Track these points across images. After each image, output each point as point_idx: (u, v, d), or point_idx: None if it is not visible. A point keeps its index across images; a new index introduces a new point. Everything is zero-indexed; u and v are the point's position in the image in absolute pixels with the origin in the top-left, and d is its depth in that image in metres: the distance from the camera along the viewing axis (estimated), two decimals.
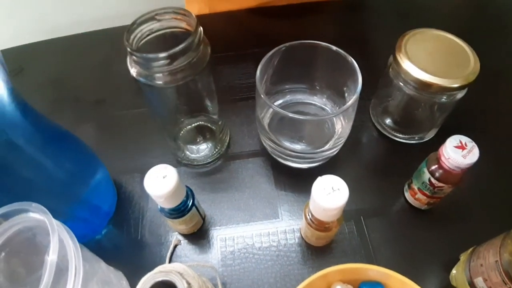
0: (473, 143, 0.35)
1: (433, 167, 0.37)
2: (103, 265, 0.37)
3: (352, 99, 0.37)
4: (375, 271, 0.34)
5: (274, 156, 0.45)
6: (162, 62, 0.34)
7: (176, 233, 0.42)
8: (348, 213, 0.42)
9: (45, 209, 0.30)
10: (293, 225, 0.42)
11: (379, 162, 0.46)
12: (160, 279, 0.29)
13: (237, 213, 0.43)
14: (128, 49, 0.34)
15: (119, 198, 0.45)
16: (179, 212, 0.37)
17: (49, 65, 0.61)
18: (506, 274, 0.30)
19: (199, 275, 0.33)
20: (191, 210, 0.38)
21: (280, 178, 0.45)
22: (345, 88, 0.42)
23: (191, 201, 0.38)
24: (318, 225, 0.36)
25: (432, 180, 0.37)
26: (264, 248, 0.40)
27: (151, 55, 0.33)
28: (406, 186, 0.42)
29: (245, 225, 0.42)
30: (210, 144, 0.46)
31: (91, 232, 0.42)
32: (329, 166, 0.45)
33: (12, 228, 0.32)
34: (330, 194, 0.32)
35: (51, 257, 0.27)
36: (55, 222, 0.29)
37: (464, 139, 0.35)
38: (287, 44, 0.40)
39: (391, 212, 0.42)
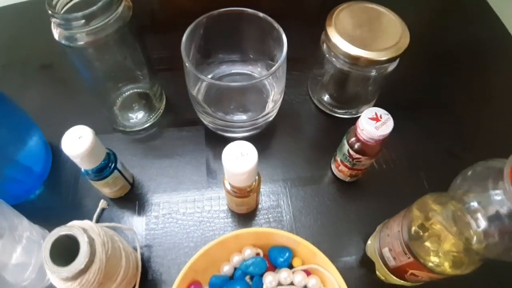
0: (389, 116, 0.35)
1: (352, 139, 0.38)
2: (25, 222, 0.37)
3: (278, 62, 0.37)
4: (285, 237, 0.35)
5: (210, 128, 0.46)
6: (80, 22, 0.34)
7: (105, 197, 0.43)
8: (274, 181, 0.43)
9: None
10: (219, 193, 0.42)
11: (314, 136, 0.47)
12: (63, 233, 0.30)
13: (166, 179, 0.44)
14: (50, 12, 0.34)
15: (55, 162, 0.45)
16: (99, 174, 0.37)
17: None
18: (406, 244, 0.31)
19: (111, 235, 0.34)
20: (112, 173, 0.38)
21: (212, 147, 0.46)
22: (276, 55, 0.42)
23: (113, 164, 0.38)
24: (236, 191, 0.37)
25: (351, 152, 0.38)
26: (188, 214, 0.41)
27: (69, 15, 0.33)
28: (333, 159, 0.43)
29: (172, 192, 0.43)
30: (146, 112, 0.47)
31: (24, 193, 0.43)
32: (264, 138, 0.46)
33: None
34: (239, 159, 0.33)
35: None
36: None
37: (380, 111, 0.36)
38: (209, 13, 0.39)
39: (317, 183, 0.43)
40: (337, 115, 0.48)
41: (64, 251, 0.30)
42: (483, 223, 0.25)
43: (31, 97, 0.51)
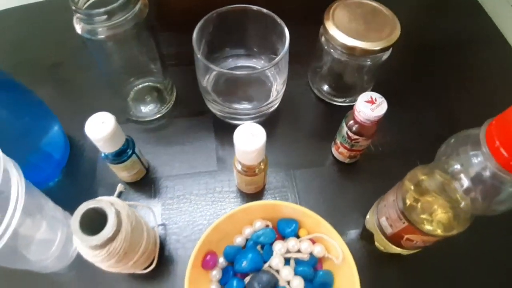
0: (383, 99, 0.39)
1: (350, 122, 0.41)
2: (50, 203, 0.40)
3: (281, 54, 0.41)
4: (291, 209, 0.38)
5: (218, 116, 0.49)
6: (102, 17, 0.37)
7: (122, 182, 0.46)
8: (279, 165, 0.46)
9: None
10: (229, 176, 0.46)
11: (314, 123, 0.51)
12: (92, 206, 0.33)
13: (178, 164, 0.47)
14: (73, 8, 0.37)
15: (72, 151, 0.48)
16: (119, 158, 0.41)
17: (5, 33, 0.63)
18: (400, 211, 0.35)
19: (133, 211, 0.37)
20: (131, 157, 0.41)
21: (221, 134, 0.49)
22: (279, 49, 0.46)
23: (131, 149, 0.41)
24: (246, 170, 0.40)
25: (349, 133, 0.42)
26: (200, 194, 0.45)
27: (92, 11, 0.37)
28: (333, 142, 0.47)
29: (185, 175, 0.46)
30: (158, 103, 0.50)
31: (44, 179, 0.46)
32: (269, 125, 0.49)
33: None
34: (249, 138, 0.36)
35: None
36: (1, 154, 0.33)
37: (375, 95, 0.39)
38: (217, 10, 0.43)
39: (319, 166, 0.47)
40: (335, 103, 0.52)
41: (91, 225, 0.33)
42: (466, 183, 0.28)
43: (43, 94, 0.53)
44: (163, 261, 0.41)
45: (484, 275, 0.40)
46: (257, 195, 0.45)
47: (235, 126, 0.49)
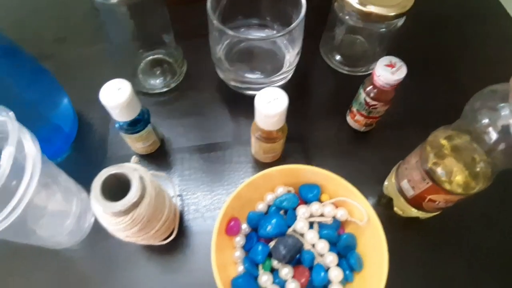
0: (402, 63, 0.39)
1: (368, 88, 0.41)
2: (63, 175, 0.39)
3: (296, 21, 0.40)
4: (313, 172, 0.38)
5: (230, 86, 0.48)
6: None
7: (135, 155, 0.45)
8: (294, 135, 0.46)
9: (7, 109, 0.32)
10: (245, 146, 0.45)
11: (328, 93, 0.50)
12: (113, 171, 0.32)
13: (192, 136, 0.46)
14: None
15: (80, 126, 0.47)
16: (134, 127, 0.40)
17: (7, 9, 0.61)
18: (425, 171, 0.35)
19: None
20: (146, 126, 0.40)
21: (234, 105, 0.48)
22: (293, 19, 0.45)
23: (147, 118, 0.40)
24: (266, 137, 0.39)
25: (367, 99, 0.41)
26: (217, 165, 0.44)
27: None
28: (348, 111, 0.47)
29: (199, 147, 0.45)
30: (168, 76, 0.49)
31: (53, 154, 0.44)
32: None
33: None
34: (271, 102, 0.35)
35: (10, 148, 0.30)
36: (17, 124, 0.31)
37: (394, 59, 0.39)
38: None
39: (334, 135, 0.47)
40: (348, 73, 0.51)
41: (110, 193, 0.32)
42: (494, 136, 0.29)
43: (48, 70, 0.52)
44: (181, 232, 0.41)
45: (498, 236, 0.41)
46: (273, 165, 0.44)
47: (248, 97, 0.49)
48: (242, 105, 0.49)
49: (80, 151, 0.46)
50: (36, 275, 0.40)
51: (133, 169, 0.32)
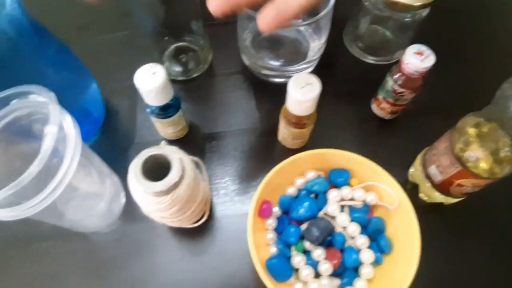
0: (430, 51, 0.39)
1: (396, 75, 0.42)
2: (96, 157, 0.40)
3: (323, 11, 0.41)
4: (343, 156, 0.38)
5: (255, 74, 0.49)
6: None
7: (164, 140, 0.45)
8: (319, 122, 0.46)
9: (48, 90, 0.32)
10: (271, 132, 0.46)
11: (350, 81, 0.51)
12: (154, 152, 0.33)
13: (219, 123, 0.47)
14: None
15: (107, 112, 0.48)
16: (167, 111, 0.40)
17: None
18: (455, 156, 0.35)
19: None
20: (178, 111, 0.41)
21: (259, 92, 0.49)
22: (320, 9, 0.45)
23: (178, 103, 0.41)
24: (296, 122, 0.40)
25: (395, 87, 0.42)
26: (244, 151, 0.45)
27: None
28: (373, 99, 0.47)
29: (226, 133, 0.46)
30: (195, 62, 0.49)
31: (83, 138, 0.45)
32: None
33: (9, 115, 0.34)
34: (304, 87, 0.36)
35: (52, 128, 0.30)
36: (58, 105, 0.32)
37: (422, 47, 0.40)
38: None
39: (359, 122, 0.47)
40: (371, 61, 0.52)
41: (148, 174, 0.32)
42: None
43: None
44: (211, 215, 0.42)
45: None
46: (300, 151, 0.45)
47: (274, 84, 0.50)
48: (267, 92, 0.50)
49: (108, 136, 0.46)
50: (65, 259, 0.40)
51: (172, 151, 0.33)
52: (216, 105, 0.48)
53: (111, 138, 0.46)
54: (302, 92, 0.36)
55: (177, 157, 0.32)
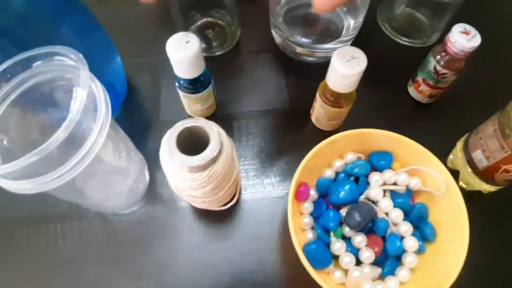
0: (476, 31, 0.37)
1: (440, 55, 0.40)
2: (121, 131, 0.37)
3: None
4: (384, 137, 0.36)
5: (285, 52, 0.46)
6: None
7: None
8: (356, 103, 0.44)
9: (77, 52, 0.29)
10: (304, 113, 0.43)
11: (385, 62, 0.48)
12: (190, 124, 0.30)
13: (249, 101, 0.44)
14: None
15: (129, 88, 0.45)
16: (198, 84, 0.37)
17: None
18: (505, 139, 0.33)
19: None
20: (208, 86, 0.38)
21: (289, 71, 0.46)
22: None
23: (209, 78, 0.38)
24: (333, 101, 0.38)
25: (437, 67, 0.40)
26: (275, 132, 0.42)
27: None
28: (410, 81, 0.45)
29: (257, 112, 0.44)
30: (223, 38, 0.47)
31: None
32: None
33: (30, 79, 0.31)
34: (349, 61, 0.34)
35: (82, 91, 0.27)
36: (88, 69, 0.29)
37: (468, 27, 0.37)
38: None
39: (394, 105, 0.45)
40: (406, 43, 0.50)
41: (181, 148, 0.30)
42: None
43: None
44: (239, 198, 0.39)
45: None
46: (334, 133, 0.42)
47: (305, 63, 0.47)
48: (298, 72, 0.47)
49: (130, 113, 0.44)
50: (85, 240, 0.38)
51: (210, 124, 0.30)
52: (244, 84, 0.45)
53: (134, 115, 0.43)
54: (348, 65, 0.33)
55: (215, 130, 0.30)
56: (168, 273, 0.36)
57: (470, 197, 0.41)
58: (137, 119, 0.43)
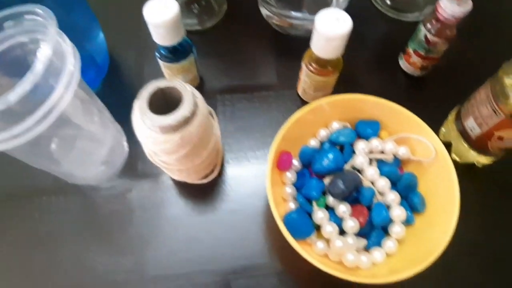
0: None
1: (430, 22, 0.38)
2: (98, 100, 0.36)
3: None
4: (371, 103, 0.34)
5: (273, 26, 0.45)
6: None
7: None
8: (343, 78, 0.43)
9: (45, 8, 0.28)
10: (291, 88, 0.42)
11: (376, 36, 0.47)
12: (163, 85, 0.29)
13: (234, 75, 0.43)
14: None
15: (112, 63, 0.44)
16: (177, 53, 0.36)
17: None
18: (496, 103, 0.32)
19: None
20: (189, 55, 0.37)
21: (277, 44, 0.45)
22: None
23: (189, 47, 0.37)
24: (320, 68, 0.36)
25: (428, 36, 0.38)
26: (262, 107, 0.41)
27: None
28: (401, 54, 0.43)
29: (242, 86, 0.42)
30: (207, 14, 0.46)
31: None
32: None
33: (2, 44, 0.30)
34: (334, 24, 0.32)
35: (46, 46, 0.26)
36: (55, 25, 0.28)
37: None
38: None
39: (386, 79, 0.44)
40: (397, 17, 0.48)
41: (155, 111, 0.28)
42: None
43: None
44: (223, 172, 0.38)
45: None
46: None
47: (292, 37, 0.46)
48: (286, 46, 0.46)
49: (112, 87, 0.43)
50: (64, 215, 0.37)
51: (184, 85, 0.29)
52: (230, 58, 0.44)
53: (116, 89, 0.43)
54: (332, 27, 0.32)
55: (189, 90, 0.29)
56: (148, 247, 0.35)
57: (464, 171, 0.39)
58: (120, 93, 0.42)
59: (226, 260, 0.34)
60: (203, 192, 0.37)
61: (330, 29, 0.32)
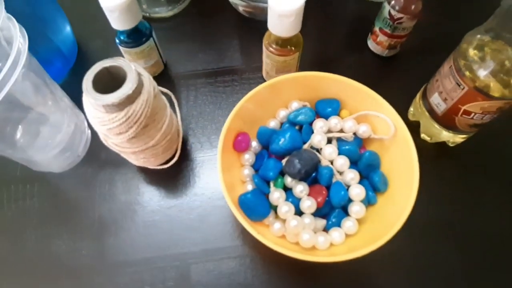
0: None
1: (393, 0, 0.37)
2: (59, 89, 0.36)
3: None
4: (332, 80, 0.33)
5: (239, 11, 0.45)
6: None
7: None
8: (312, 62, 0.42)
9: None
10: (257, 71, 0.42)
11: (345, 18, 0.46)
12: (108, 64, 0.29)
13: (199, 60, 0.43)
14: None
15: (80, 54, 0.44)
16: (136, 37, 0.36)
17: None
18: (458, 73, 0.30)
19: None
20: (149, 40, 0.37)
21: (243, 30, 0.45)
22: None
23: (149, 31, 0.37)
24: (279, 48, 0.35)
25: (392, 12, 0.37)
26: (225, 89, 0.40)
27: None
28: (369, 34, 0.42)
29: (207, 71, 0.42)
30: (172, 2, 0.46)
31: (52, 76, 0.41)
32: None
33: None
34: (286, 0, 0.31)
35: None
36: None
37: None
38: None
39: (353, 61, 0.42)
40: None
41: (103, 91, 0.28)
42: None
43: None
44: (186, 156, 0.37)
45: None
46: None
47: (258, 22, 0.45)
48: (252, 30, 0.45)
49: (79, 78, 0.42)
50: (28, 203, 0.37)
51: (130, 64, 0.29)
52: (195, 43, 0.44)
53: (81, 79, 0.42)
54: (284, 4, 0.31)
55: (133, 69, 0.28)
56: (109, 233, 0.35)
57: (436, 150, 0.38)
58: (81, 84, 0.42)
59: (186, 245, 0.34)
60: (166, 178, 0.37)
61: (283, 6, 0.31)
